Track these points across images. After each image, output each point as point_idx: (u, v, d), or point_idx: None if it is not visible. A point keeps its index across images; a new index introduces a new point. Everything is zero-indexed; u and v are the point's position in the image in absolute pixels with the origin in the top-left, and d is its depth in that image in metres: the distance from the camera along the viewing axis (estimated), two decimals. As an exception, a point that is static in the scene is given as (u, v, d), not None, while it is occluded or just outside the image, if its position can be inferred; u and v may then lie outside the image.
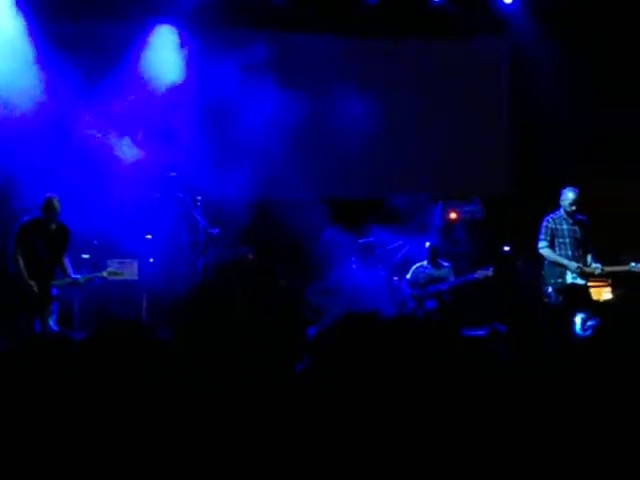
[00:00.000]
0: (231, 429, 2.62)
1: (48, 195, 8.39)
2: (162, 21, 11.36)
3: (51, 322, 8.26)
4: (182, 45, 11.38)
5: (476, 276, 10.30)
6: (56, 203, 8.31)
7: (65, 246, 8.47)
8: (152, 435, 2.54)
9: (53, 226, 8.36)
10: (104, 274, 8.84)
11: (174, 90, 11.24)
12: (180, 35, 11.40)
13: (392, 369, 2.76)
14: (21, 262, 8.19)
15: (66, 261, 8.51)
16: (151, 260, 10.67)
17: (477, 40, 12.61)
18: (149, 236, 10.66)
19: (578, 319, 7.71)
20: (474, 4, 12.16)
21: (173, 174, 9.91)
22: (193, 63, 11.40)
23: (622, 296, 10.21)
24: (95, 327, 2.64)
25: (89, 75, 10.68)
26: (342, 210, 11.41)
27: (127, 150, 10.65)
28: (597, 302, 9.60)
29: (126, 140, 10.65)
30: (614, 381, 2.76)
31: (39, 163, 10.12)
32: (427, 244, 10.70)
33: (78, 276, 8.55)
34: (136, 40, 11.29)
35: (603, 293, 10.65)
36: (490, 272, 10.23)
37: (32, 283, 8.17)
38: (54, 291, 8.38)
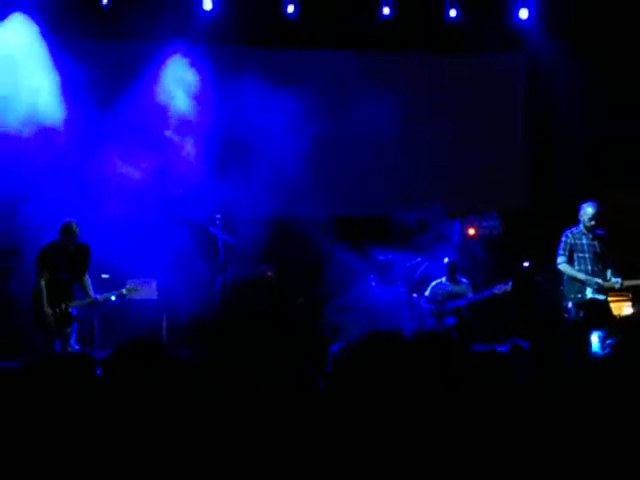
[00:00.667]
0: (251, 447, 2.63)
1: (66, 220, 8.61)
2: (177, 39, 11.38)
3: (71, 341, 8.33)
4: (196, 64, 11.40)
5: (495, 291, 10.28)
6: (74, 228, 8.52)
7: (86, 265, 8.61)
8: (173, 453, 2.55)
9: (72, 247, 8.48)
10: (123, 292, 8.96)
11: (191, 109, 11.27)
12: (194, 54, 11.42)
13: (413, 386, 2.76)
14: (43, 285, 8.31)
15: (88, 280, 8.64)
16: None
17: (493, 55, 12.62)
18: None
19: (595, 337, 7.71)
20: (490, 19, 12.16)
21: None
22: (208, 81, 11.43)
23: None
24: (116, 346, 2.66)
25: (104, 94, 10.75)
26: (359, 227, 11.43)
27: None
28: (617, 318, 9.55)
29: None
30: (631, 398, 2.76)
31: (56, 181, 10.18)
32: (446, 260, 10.69)
33: (97, 296, 8.66)
34: (152, 59, 11.33)
35: (624, 308, 10.59)
36: (509, 287, 10.20)
37: (49, 312, 8.27)
38: (74, 311, 8.47)
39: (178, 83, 11.31)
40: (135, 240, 10.25)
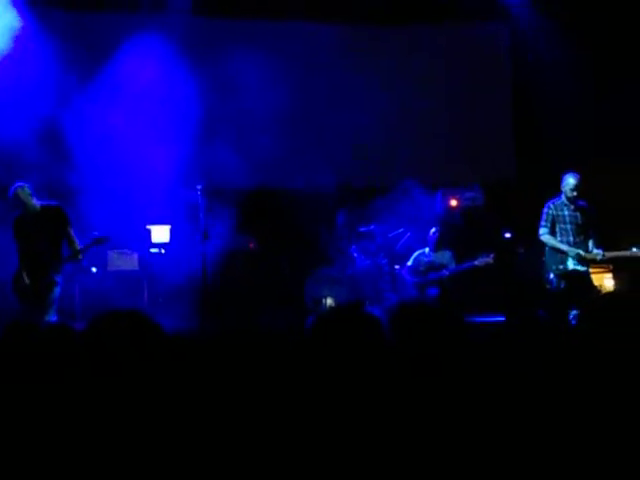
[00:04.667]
0: (236, 416, 2.61)
1: (14, 186, 8.21)
2: (158, 13, 11.27)
3: (51, 314, 8.21)
4: (182, 36, 11.30)
5: (477, 263, 10.30)
6: (22, 191, 8.13)
7: (63, 224, 8.23)
8: (155, 427, 2.52)
9: (37, 212, 8.21)
10: (101, 238, 8.58)
11: (175, 80, 11.18)
12: (177, 24, 11.31)
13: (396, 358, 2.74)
14: (20, 257, 8.19)
15: (72, 236, 8.28)
16: (162, 251, 10.71)
17: (477, 26, 12.56)
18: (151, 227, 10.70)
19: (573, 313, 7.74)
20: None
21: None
22: (195, 53, 11.34)
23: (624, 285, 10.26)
24: (95, 316, 2.63)
25: (83, 67, 10.65)
26: (343, 198, 11.42)
27: None
28: (599, 291, 9.60)
29: None
30: (611, 373, 2.75)
31: (37, 150, 10.09)
32: (432, 230, 10.67)
33: (81, 246, 8.38)
34: (134, 33, 11.22)
35: (605, 279, 10.65)
36: (491, 259, 10.23)
37: (27, 280, 8.13)
38: (58, 278, 8.27)
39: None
40: (116, 211, 10.19)
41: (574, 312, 8.13)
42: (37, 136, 10.19)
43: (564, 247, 9.05)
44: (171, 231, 10.85)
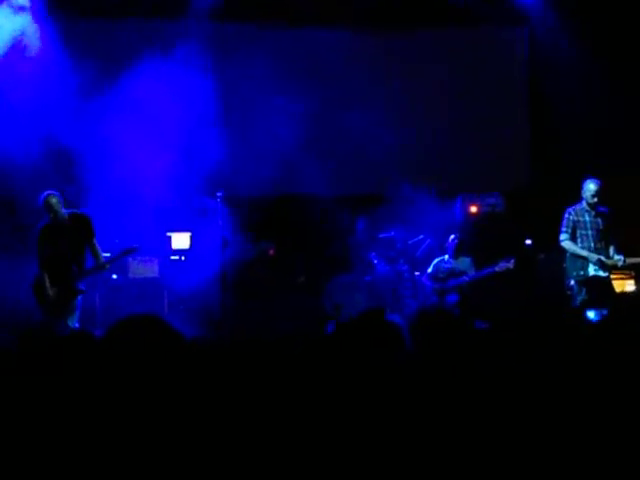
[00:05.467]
0: (255, 423, 2.62)
1: (44, 194, 8.25)
2: (176, 19, 11.31)
3: (73, 320, 8.25)
4: (201, 42, 11.34)
5: (497, 269, 10.25)
6: (51, 199, 8.16)
7: (88, 235, 8.32)
8: (173, 432, 2.53)
9: (65, 221, 8.27)
10: (129, 249, 8.67)
11: (194, 87, 11.21)
12: (195, 30, 11.35)
13: (415, 363, 2.74)
14: (44, 267, 8.20)
15: (96, 247, 8.35)
16: (183, 258, 10.74)
17: (496, 31, 12.54)
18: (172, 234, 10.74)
19: (592, 314, 7.70)
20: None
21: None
22: (208, 59, 11.37)
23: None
24: (115, 322, 2.64)
25: (106, 73, 10.70)
26: (361, 205, 11.42)
27: None
28: (618, 294, 9.54)
29: None
30: (623, 373, 2.74)
31: (55, 159, 10.14)
32: (451, 237, 10.65)
33: (105, 260, 8.48)
34: (152, 39, 11.26)
35: (626, 285, 10.58)
36: (511, 264, 10.18)
37: (52, 291, 8.17)
38: (82, 286, 8.33)
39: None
40: (136, 219, 10.23)
41: (595, 313, 8.07)
42: (56, 144, 10.24)
43: (585, 253, 9.01)
44: (191, 238, 10.87)
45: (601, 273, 8.99)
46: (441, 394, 2.66)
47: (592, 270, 8.97)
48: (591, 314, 7.86)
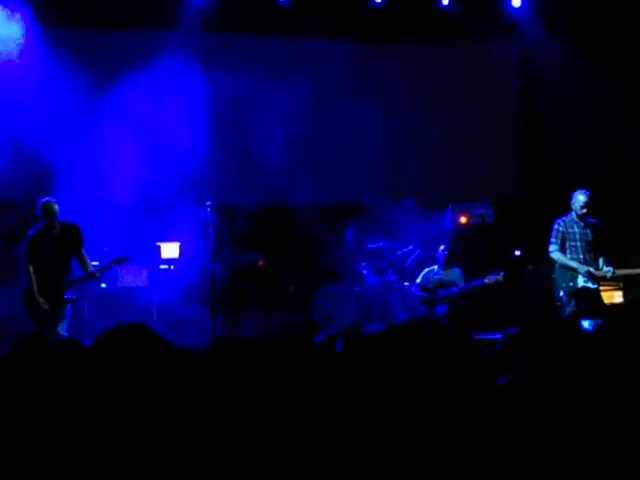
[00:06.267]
0: (245, 433, 2.61)
1: (44, 199, 8.25)
2: (169, 29, 11.31)
3: (61, 328, 8.23)
4: (192, 52, 11.34)
5: (486, 281, 10.27)
6: (52, 206, 8.17)
7: (77, 245, 8.31)
8: (162, 441, 2.52)
9: (56, 230, 8.24)
10: (117, 260, 8.69)
11: (184, 97, 11.21)
12: (190, 43, 11.35)
13: (406, 376, 2.73)
14: (33, 277, 8.16)
15: (84, 257, 8.34)
16: (172, 267, 10.73)
17: (486, 43, 12.59)
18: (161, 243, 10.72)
19: (586, 324, 7.70)
20: (483, 7, 12.12)
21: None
22: (203, 69, 11.37)
23: (633, 299, 10.21)
24: (103, 331, 2.63)
25: (96, 84, 10.70)
26: (351, 215, 11.43)
27: None
28: (607, 305, 9.55)
29: None
30: (619, 382, 2.74)
31: (47, 166, 10.13)
32: (441, 248, 10.66)
33: (95, 269, 8.47)
34: (143, 49, 11.24)
35: (615, 296, 10.60)
36: (500, 277, 10.20)
37: (42, 300, 8.14)
38: (68, 294, 8.32)
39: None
40: (126, 228, 10.22)
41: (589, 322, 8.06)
42: (45, 153, 10.22)
43: (574, 264, 9.02)
44: (181, 247, 10.86)
45: (590, 284, 9.00)
46: (427, 405, 2.65)
47: (581, 281, 8.98)
48: (585, 323, 7.87)
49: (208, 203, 9.52)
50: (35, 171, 10.12)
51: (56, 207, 8.20)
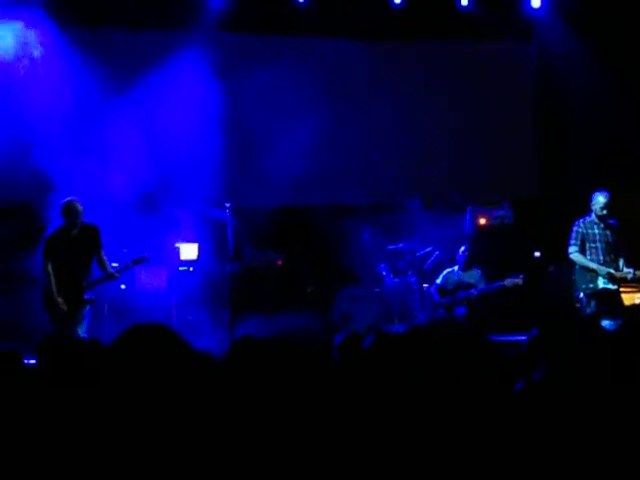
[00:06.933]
0: (262, 435, 2.60)
1: (68, 199, 8.30)
2: (185, 30, 11.31)
3: (81, 330, 8.25)
4: (210, 53, 11.34)
5: (506, 284, 10.21)
6: (77, 206, 8.21)
7: (96, 246, 8.34)
8: (179, 439, 2.52)
9: (75, 231, 8.27)
10: (137, 260, 8.71)
11: (200, 98, 11.22)
12: (207, 44, 11.36)
13: (425, 377, 2.73)
14: (52, 278, 8.17)
15: (104, 258, 8.37)
16: (191, 269, 10.75)
17: (505, 44, 12.54)
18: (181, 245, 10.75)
19: (607, 322, 7.65)
20: (501, 8, 12.08)
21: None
22: (216, 70, 11.38)
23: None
24: (122, 332, 2.63)
25: (113, 85, 10.72)
26: (370, 215, 11.42)
27: None
28: (628, 307, 9.49)
29: None
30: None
31: (64, 168, 10.16)
32: (462, 249, 10.62)
33: (114, 270, 8.49)
34: (159, 50, 11.25)
35: (635, 298, 10.52)
36: (520, 280, 10.13)
37: (60, 301, 8.15)
38: (88, 295, 8.33)
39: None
40: (145, 229, 10.24)
41: (610, 322, 8.03)
42: (63, 153, 10.26)
43: (594, 266, 8.97)
44: (199, 249, 10.88)
45: (610, 286, 8.95)
46: (445, 407, 2.64)
47: (601, 283, 8.93)
48: (606, 322, 7.83)
49: (227, 204, 9.53)
50: (48, 172, 10.13)
51: (80, 207, 8.22)
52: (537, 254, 11.94)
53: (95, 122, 10.73)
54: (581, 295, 9.03)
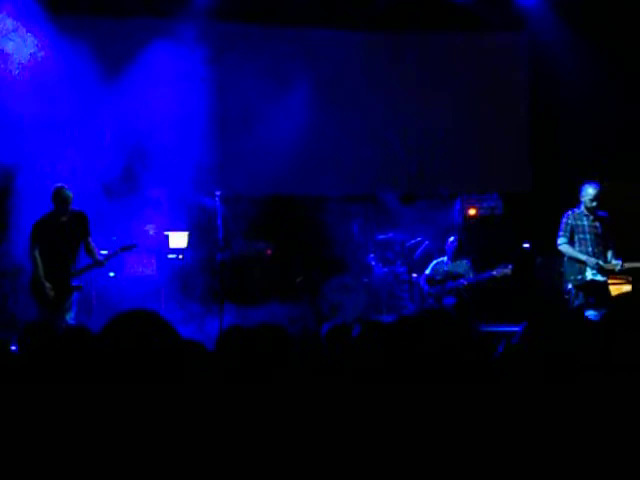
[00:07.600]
0: (248, 422, 2.60)
1: (57, 185, 8.29)
2: (174, 18, 11.26)
3: (69, 317, 8.24)
4: (199, 41, 11.29)
5: (495, 274, 10.23)
6: (67, 193, 8.20)
7: (84, 232, 8.34)
8: (169, 428, 2.52)
9: (64, 218, 8.27)
10: (124, 247, 8.73)
11: (194, 86, 11.18)
12: (196, 32, 11.31)
13: (415, 366, 2.73)
14: (39, 262, 8.16)
15: (91, 245, 8.38)
16: (180, 257, 10.74)
17: (497, 35, 12.54)
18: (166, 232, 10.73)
19: (592, 313, 7.68)
20: (493, -1, 12.08)
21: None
22: (205, 58, 11.33)
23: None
24: (111, 318, 2.62)
25: (102, 72, 10.67)
26: (359, 206, 11.43)
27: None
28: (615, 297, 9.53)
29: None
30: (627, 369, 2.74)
31: (52, 156, 10.11)
32: (451, 239, 10.63)
33: (101, 257, 8.49)
34: (147, 37, 11.20)
35: (623, 290, 10.57)
36: (509, 271, 10.15)
37: (48, 285, 8.14)
38: (75, 282, 8.32)
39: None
40: (135, 217, 10.23)
41: (595, 313, 8.07)
42: (55, 141, 10.22)
43: (583, 257, 8.98)
44: (189, 237, 10.87)
45: (599, 277, 8.97)
46: (432, 397, 2.64)
47: (590, 274, 8.95)
48: (591, 312, 7.87)
49: (217, 193, 9.52)
50: (43, 158, 10.10)
51: (69, 194, 8.22)
52: (526, 245, 11.97)
53: (81, 109, 10.66)
54: (569, 286, 9.04)
